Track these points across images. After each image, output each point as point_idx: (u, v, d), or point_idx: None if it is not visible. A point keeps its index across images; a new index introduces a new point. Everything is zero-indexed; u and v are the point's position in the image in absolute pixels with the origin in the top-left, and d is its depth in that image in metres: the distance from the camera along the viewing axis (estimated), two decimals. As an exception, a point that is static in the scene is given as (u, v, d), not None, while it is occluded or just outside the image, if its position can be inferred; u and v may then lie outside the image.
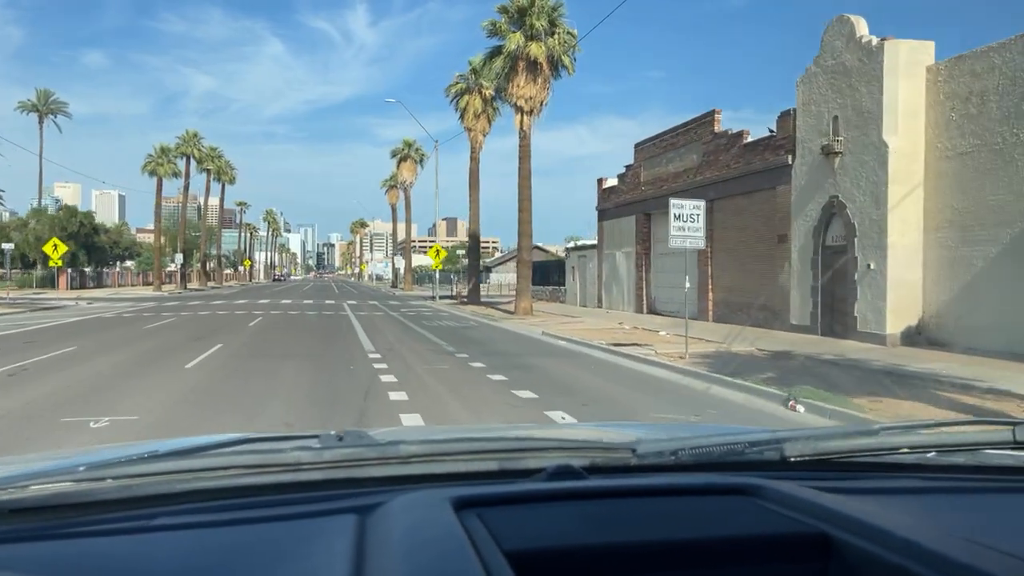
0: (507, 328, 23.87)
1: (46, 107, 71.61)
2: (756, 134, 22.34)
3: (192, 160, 69.03)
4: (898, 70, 16.35)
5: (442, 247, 45.40)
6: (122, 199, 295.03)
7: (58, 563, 1.06)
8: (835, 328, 18.13)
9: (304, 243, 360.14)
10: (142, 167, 62.59)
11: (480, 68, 36.04)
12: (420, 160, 66.51)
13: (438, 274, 46.04)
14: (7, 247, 45.60)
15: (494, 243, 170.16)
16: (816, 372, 12.71)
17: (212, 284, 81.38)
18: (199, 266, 78.98)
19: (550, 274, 44.66)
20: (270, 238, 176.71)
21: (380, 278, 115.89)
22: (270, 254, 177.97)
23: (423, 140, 69.01)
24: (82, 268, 64.37)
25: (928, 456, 1.55)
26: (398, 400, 9.99)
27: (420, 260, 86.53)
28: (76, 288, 59.23)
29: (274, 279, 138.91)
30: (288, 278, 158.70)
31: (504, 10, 28.63)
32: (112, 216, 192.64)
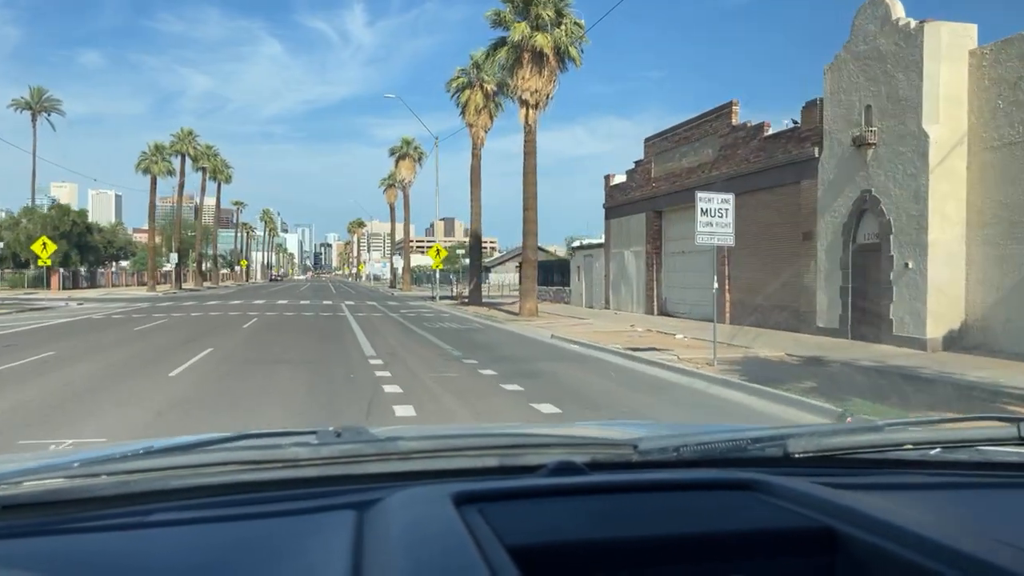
0: (513, 331, 22.72)
1: (39, 105, 70.37)
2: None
3: (187, 158, 68.00)
4: (939, 54, 15.20)
5: (442, 247, 44.38)
6: (119, 199, 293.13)
7: (53, 559, 1.04)
8: (866, 331, 16.97)
9: (301, 243, 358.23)
10: (136, 165, 61.43)
11: (483, 61, 35.00)
12: (419, 158, 65.47)
13: (438, 274, 45.09)
14: (-3, 246, 44.46)
15: (491, 243, 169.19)
16: (860, 382, 11.58)
17: (208, 284, 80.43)
18: (195, 266, 77.99)
19: (552, 274, 43.54)
20: (267, 238, 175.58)
21: (378, 278, 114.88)
22: (267, 254, 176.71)
23: (422, 139, 68.24)
24: (75, 268, 63.23)
25: (932, 452, 1.54)
26: (405, 416, 8.86)
27: (418, 260, 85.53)
28: (69, 288, 58.21)
29: (271, 279, 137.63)
30: (285, 278, 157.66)
31: (509, -2, 27.54)
32: (109, 216, 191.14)
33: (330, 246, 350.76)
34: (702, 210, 13.71)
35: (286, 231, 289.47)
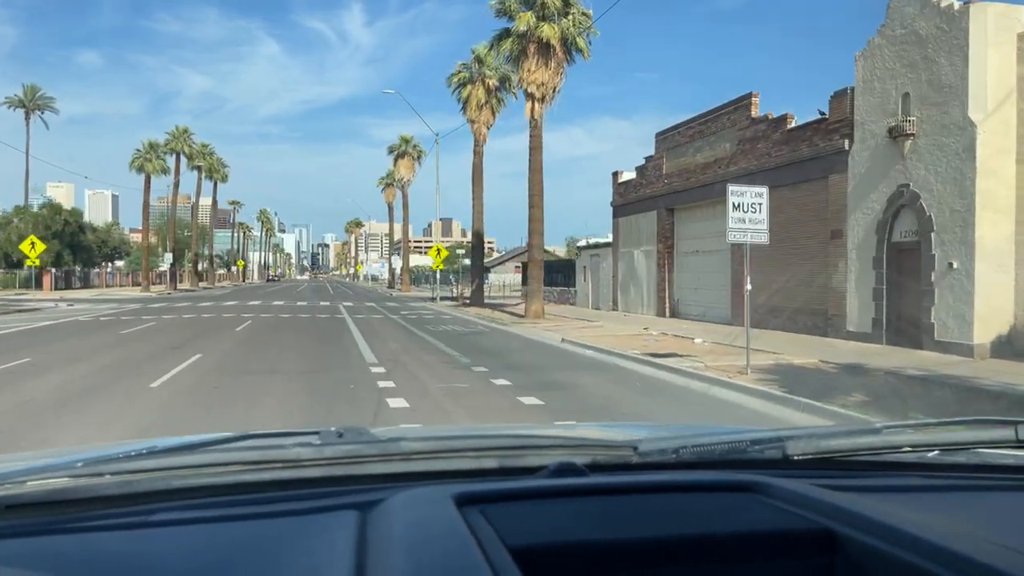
0: (521, 334, 21.56)
1: (33, 103, 69.17)
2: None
3: (183, 157, 66.71)
4: (986, 38, 14.07)
5: (443, 246, 43.29)
6: (115, 199, 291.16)
7: (56, 559, 1.03)
8: (903, 337, 15.82)
9: (299, 243, 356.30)
10: (130, 163, 60.14)
11: (486, 54, 33.89)
12: (418, 157, 64.34)
13: (438, 274, 43.98)
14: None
15: (490, 243, 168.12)
16: (916, 394, 10.44)
17: (204, 284, 79.29)
18: (190, 266, 76.74)
19: (555, 274, 42.39)
20: (264, 238, 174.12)
21: (376, 278, 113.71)
22: (264, 254, 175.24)
23: (421, 137, 66.96)
24: (68, 268, 62.02)
25: (930, 455, 1.52)
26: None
27: (416, 260, 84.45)
28: (61, 289, 57.12)
29: (268, 280, 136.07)
30: (282, 279, 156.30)
31: (514, -12, 26.37)
32: (106, 216, 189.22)
33: (327, 246, 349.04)
34: (734, 205, 12.55)
35: (283, 231, 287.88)
